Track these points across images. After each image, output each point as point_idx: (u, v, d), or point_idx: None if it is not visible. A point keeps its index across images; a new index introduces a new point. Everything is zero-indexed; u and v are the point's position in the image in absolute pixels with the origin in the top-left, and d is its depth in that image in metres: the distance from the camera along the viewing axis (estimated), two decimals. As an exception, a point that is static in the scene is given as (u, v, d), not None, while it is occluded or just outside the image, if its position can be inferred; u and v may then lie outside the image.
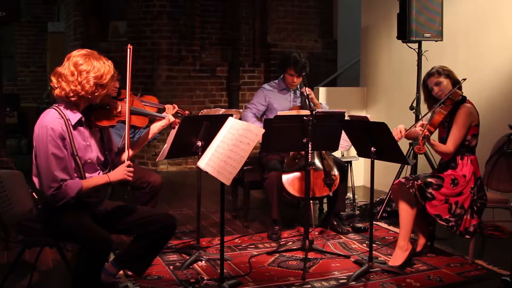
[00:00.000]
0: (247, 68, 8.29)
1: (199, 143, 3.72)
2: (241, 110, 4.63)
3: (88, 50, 2.94)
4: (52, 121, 2.78)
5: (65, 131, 2.80)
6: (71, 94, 2.81)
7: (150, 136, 3.27)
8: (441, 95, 3.77)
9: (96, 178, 2.90)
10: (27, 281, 3.26)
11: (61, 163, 2.77)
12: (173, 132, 3.70)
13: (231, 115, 3.38)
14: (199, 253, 3.80)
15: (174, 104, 4.30)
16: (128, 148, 2.97)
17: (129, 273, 3.44)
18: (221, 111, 4.23)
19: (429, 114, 3.83)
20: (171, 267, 3.70)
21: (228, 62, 8.13)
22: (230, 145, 3.02)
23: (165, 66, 7.68)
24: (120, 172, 2.90)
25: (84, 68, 2.81)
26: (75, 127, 2.86)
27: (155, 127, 3.28)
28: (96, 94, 2.86)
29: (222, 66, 8.09)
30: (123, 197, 4.95)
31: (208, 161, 3.07)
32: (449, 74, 3.79)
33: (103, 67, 2.87)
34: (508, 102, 4.64)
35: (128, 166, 2.91)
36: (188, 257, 3.78)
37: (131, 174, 2.92)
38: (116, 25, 8.14)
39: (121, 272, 3.39)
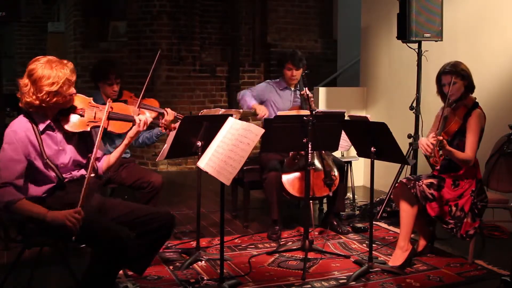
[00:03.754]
0: (247, 68, 8.30)
1: (199, 143, 3.72)
2: (241, 110, 4.63)
3: (45, 56, 2.85)
4: (18, 125, 2.79)
5: (33, 135, 2.78)
6: (28, 106, 2.79)
7: (125, 141, 3.04)
8: (452, 95, 3.75)
9: (35, 206, 2.74)
10: (27, 281, 3.25)
11: (13, 165, 2.71)
12: (173, 132, 3.70)
13: (231, 115, 3.38)
14: (199, 253, 3.80)
15: (172, 111, 4.28)
16: (91, 167, 2.82)
17: (129, 273, 3.44)
18: (221, 111, 4.23)
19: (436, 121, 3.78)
20: (171, 267, 3.69)
21: (228, 62, 8.13)
22: (230, 145, 3.02)
23: (165, 66, 7.68)
24: (62, 214, 2.68)
25: (36, 77, 2.74)
26: (43, 132, 2.84)
27: (130, 132, 3.03)
28: (52, 102, 2.78)
29: (222, 66, 8.09)
30: (123, 197, 4.96)
31: (208, 161, 3.07)
32: (465, 76, 3.74)
33: (54, 73, 2.75)
34: (508, 102, 4.64)
35: (77, 213, 2.68)
36: (188, 257, 3.78)
37: (74, 222, 2.66)
38: (116, 25, 8.15)
39: (121, 272, 3.39)
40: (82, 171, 2.99)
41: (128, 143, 3.05)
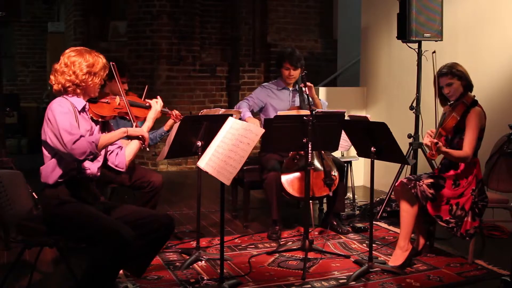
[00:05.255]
0: (247, 68, 8.30)
1: (199, 143, 3.72)
2: (241, 110, 4.64)
3: (80, 47, 3.12)
4: (60, 101, 2.94)
5: (73, 112, 2.91)
6: (68, 85, 2.97)
7: (148, 123, 3.21)
8: (451, 96, 3.75)
9: (112, 132, 3.03)
10: (27, 281, 3.25)
11: (75, 124, 2.86)
12: (173, 132, 3.70)
13: (231, 115, 3.38)
14: (199, 253, 3.80)
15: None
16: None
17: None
18: (221, 111, 4.23)
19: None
20: (171, 267, 3.69)
21: (228, 62, 8.13)
22: (230, 145, 3.02)
23: (165, 66, 7.68)
24: (140, 129, 3.06)
25: (76, 59, 2.98)
26: (80, 111, 2.98)
27: (149, 117, 3.23)
28: (90, 82, 2.99)
29: (222, 66, 8.10)
30: (123, 197, 4.97)
31: (208, 161, 3.07)
32: (461, 76, 3.74)
33: (93, 57, 3.02)
34: (508, 102, 4.64)
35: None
36: (188, 257, 3.78)
37: (146, 138, 3.05)
38: (116, 25, 8.15)
39: (121, 272, 3.38)
40: (98, 164, 3.04)
41: (150, 125, 3.20)
